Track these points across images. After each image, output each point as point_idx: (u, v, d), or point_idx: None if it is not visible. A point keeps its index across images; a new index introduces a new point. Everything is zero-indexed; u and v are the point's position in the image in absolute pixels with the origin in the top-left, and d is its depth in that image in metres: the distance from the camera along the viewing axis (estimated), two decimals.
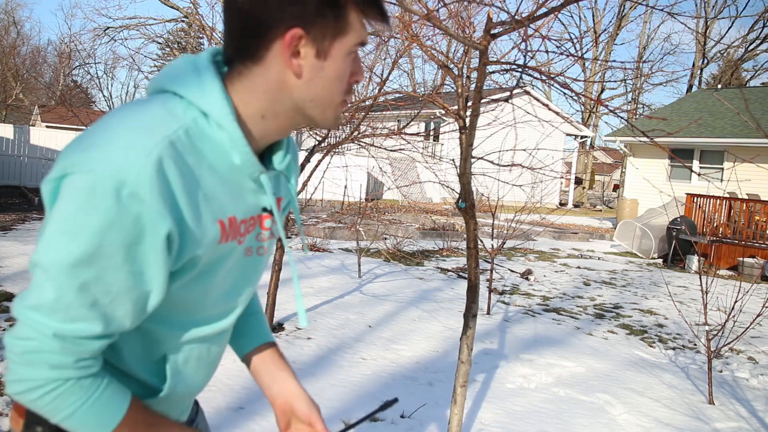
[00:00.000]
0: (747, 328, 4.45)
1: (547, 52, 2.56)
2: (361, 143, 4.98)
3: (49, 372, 0.80)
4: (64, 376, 0.81)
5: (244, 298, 1.04)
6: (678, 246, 9.97)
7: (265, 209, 0.98)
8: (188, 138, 0.85)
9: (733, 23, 43.91)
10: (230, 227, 0.92)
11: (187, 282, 0.90)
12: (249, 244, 0.98)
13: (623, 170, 19.67)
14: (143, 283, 0.83)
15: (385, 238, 10.17)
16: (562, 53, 2.52)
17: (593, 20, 32.53)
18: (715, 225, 11.44)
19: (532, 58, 2.38)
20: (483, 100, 2.42)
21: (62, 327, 0.79)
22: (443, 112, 2.79)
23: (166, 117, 0.85)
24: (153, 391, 0.99)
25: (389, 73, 4.79)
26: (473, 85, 2.48)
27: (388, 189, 20.58)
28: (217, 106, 0.87)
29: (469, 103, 2.55)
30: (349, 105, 5.06)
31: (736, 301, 4.27)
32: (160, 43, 28.33)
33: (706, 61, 30.61)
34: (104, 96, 35.29)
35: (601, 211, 25.64)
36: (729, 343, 4.41)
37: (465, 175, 2.51)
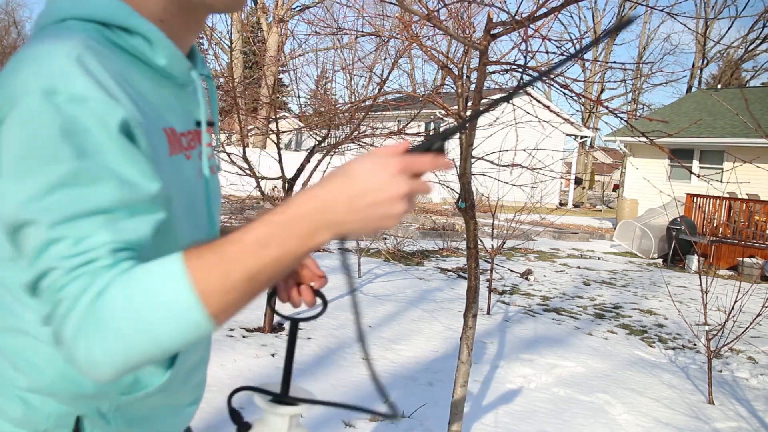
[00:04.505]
0: (747, 328, 4.45)
1: (547, 52, 2.56)
2: (361, 143, 4.99)
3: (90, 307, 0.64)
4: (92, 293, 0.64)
5: (218, 224, 0.96)
6: (678, 246, 9.97)
7: (198, 123, 0.90)
8: (101, 47, 0.74)
9: (732, 23, 43.98)
10: (173, 137, 0.82)
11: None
12: (197, 163, 0.89)
13: (623, 170, 19.68)
14: (136, 188, 0.70)
15: (385, 238, 10.17)
16: (562, 53, 2.52)
17: (593, 20, 32.54)
18: (714, 225, 11.44)
19: (532, 58, 2.39)
20: (483, 101, 2.42)
21: (77, 262, 0.65)
22: (443, 112, 2.79)
23: (67, 33, 0.73)
24: (155, 374, 0.87)
25: (389, 73, 4.80)
26: (473, 86, 2.48)
27: None
28: (114, 8, 0.77)
29: (469, 103, 2.55)
30: (350, 105, 5.06)
31: (735, 301, 4.27)
32: None
33: (705, 62, 30.62)
34: None
35: (601, 211, 25.64)
36: (729, 343, 4.42)
37: (465, 175, 2.52)
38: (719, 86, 23.56)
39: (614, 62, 2.78)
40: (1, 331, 0.82)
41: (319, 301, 1.02)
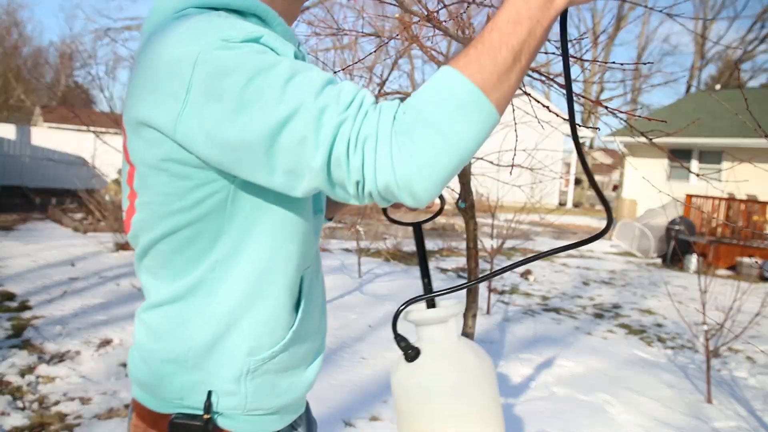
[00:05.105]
0: (745, 327, 4.47)
1: (546, 53, 2.57)
2: None
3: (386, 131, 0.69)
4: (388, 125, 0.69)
5: None
6: (677, 246, 9.99)
7: None
8: None
9: (731, 24, 43.95)
10: None
11: None
12: None
13: (622, 170, 19.68)
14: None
15: (385, 238, 10.18)
16: (561, 54, 2.53)
17: (592, 21, 32.56)
18: (713, 225, 11.46)
19: None
20: None
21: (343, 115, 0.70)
22: None
23: (204, 12, 0.79)
24: (279, 331, 0.91)
25: (389, 74, 4.79)
26: None
27: None
28: None
29: None
30: None
31: (734, 301, 4.29)
32: None
33: (704, 62, 30.64)
34: (105, 97, 35.25)
35: (600, 211, 25.64)
36: (727, 343, 4.43)
37: (465, 175, 2.53)
38: (718, 87, 23.57)
39: (613, 62, 2.78)
40: (148, 307, 0.88)
41: (437, 200, 1.05)
